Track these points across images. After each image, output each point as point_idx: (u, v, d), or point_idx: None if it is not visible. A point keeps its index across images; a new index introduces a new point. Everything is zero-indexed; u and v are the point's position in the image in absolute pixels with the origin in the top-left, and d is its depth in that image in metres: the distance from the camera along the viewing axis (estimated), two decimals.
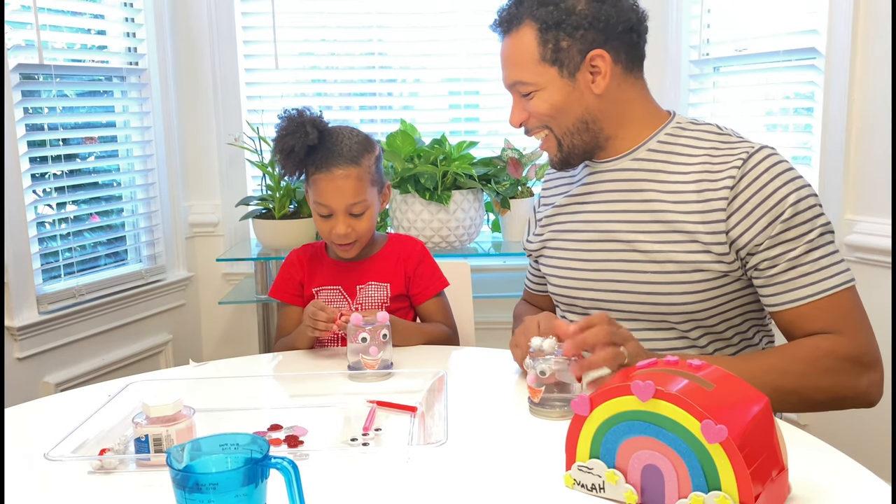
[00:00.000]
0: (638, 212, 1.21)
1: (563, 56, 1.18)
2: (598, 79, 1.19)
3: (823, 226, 1.13)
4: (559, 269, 1.32)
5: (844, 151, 1.92)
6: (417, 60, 2.60)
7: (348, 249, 1.46)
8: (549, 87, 1.20)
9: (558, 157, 1.27)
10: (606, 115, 1.23)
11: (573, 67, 1.19)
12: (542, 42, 1.18)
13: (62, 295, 2.12)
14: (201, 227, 2.60)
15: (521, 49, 1.20)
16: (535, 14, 1.18)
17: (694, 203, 1.16)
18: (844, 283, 1.11)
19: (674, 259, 1.16)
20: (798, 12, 2.08)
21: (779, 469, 0.77)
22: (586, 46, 1.18)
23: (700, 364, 0.82)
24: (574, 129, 1.23)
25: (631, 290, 1.20)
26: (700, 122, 1.25)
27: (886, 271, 1.82)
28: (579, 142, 1.24)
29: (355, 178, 1.41)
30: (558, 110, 1.21)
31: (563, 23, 1.17)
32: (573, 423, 0.83)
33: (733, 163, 1.15)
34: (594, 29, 1.17)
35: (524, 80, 1.21)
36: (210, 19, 2.48)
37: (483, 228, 2.37)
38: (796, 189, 1.12)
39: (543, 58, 1.19)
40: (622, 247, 1.21)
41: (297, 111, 1.42)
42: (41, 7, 2.02)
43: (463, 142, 2.30)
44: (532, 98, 1.22)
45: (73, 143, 2.21)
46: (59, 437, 0.95)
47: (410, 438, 1.02)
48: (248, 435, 0.76)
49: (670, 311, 1.18)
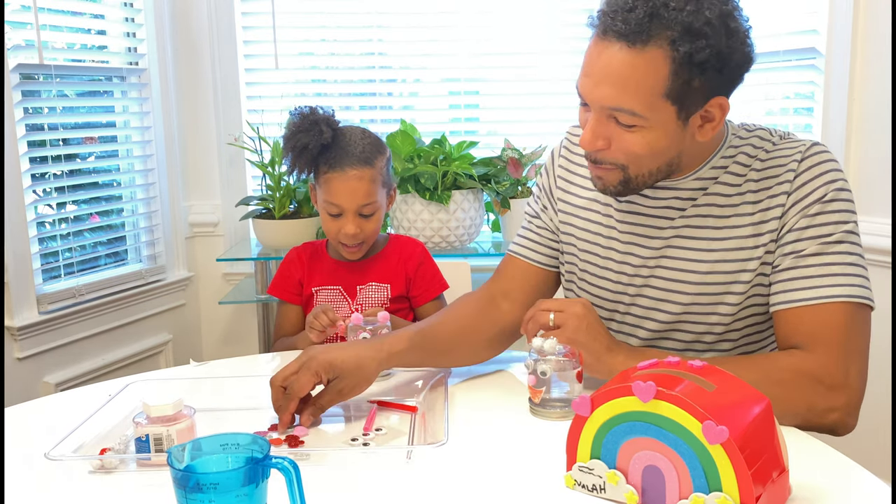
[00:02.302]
0: (690, 227, 1.12)
1: (687, 96, 1.00)
2: (709, 127, 1.04)
3: (847, 233, 1.04)
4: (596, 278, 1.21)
5: (844, 151, 1.93)
6: (417, 60, 2.60)
7: (355, 251, 1.46)
8: (660, 127, 1.01)
9: (618, 189, 1.09)
10: (692, 156, 1.09)
11: (690, 111, 1.02)
12: (674, 75, 0.98)
13: (62, 295, 2.12)
14: (201, 227, 2.60)
15: (645, 74, 0.98)
16: (678, 40, 0.96)
17: (749, 216, 1.08)
18: (846, 297, 1.01)
19: (721, 281, 1.10)
20: (798, 12, 2.08)
21: (779, 470, 0.77)
22: (713, 91, 1.01)
23: (701, 365, 0.82)
24: (656, 170, 1.07)
25: (667, 309, 1.15)
26: (751, 128, 1.15)
27: (886, 271, 1.82)
28: (651, 180, 1.08)
29: (368, 180, 1.41)
30: (653, 154, 1.04)
31: (705, 63, 0.97)
32: (574, 423, 0.83)
33: (790, 165, 1.07)
34: (727, 73, 1.01)
35: (632, 110, 1.00)
36: (210, 19, 2.48)
37: (483, 228, 2.37)
38: (836, 188, 1.05)
39: (668, 94, 0.99)
40: (668, 264, 1.13)
41: (309, 109, 1.41)
42: (41, 7, 2.02)
43: (463, 142, 2.30)
44: (632, 132, 1.02)
45: (73, 143, 2.21)
46: (59, 437, 0.95)
47: (411, 438, 1.02)
48: (248, 435, 0.76)
49: (703, 329, 1.14)
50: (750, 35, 1.02)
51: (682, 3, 0.96)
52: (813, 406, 0.99)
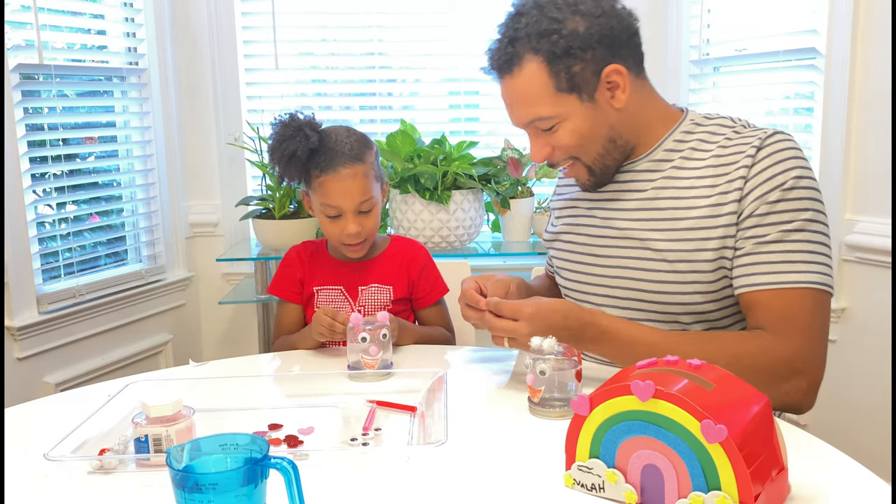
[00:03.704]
0: (651, 210, 1.19)
1: (578, 81, 1.14)
2: (619, 93, 1.16)
3: (809, 221, 1.10)
4: (571, 263, 1.31)
5: (844, 151, 1.92)
6: (417, 60, 2.60)
7: (358, 249, 1.45)
8: (573, 115, 1.16)
9: (591, 181, 1.24)
10: (630, 126, 1.20)
11: (591, 89, 1.15)
12: (553, 73, 1.14)
13: (62, 295, 2.12)
14: (201, 227, 2.60)
15: (532, 85, 1.15)
16: (537, 47, 1.13)
17: (707, 198, 1.14)
18: (806, 283, 1.07)
19: (686, 258, 1.15)
20: (798, 12, 2.08)
21: (779, 469, 0.77)
22: (599, 65, 1.14)
23: (700, 364, 0.82)
24: (604, 150, 1.20)
25: (643, 288, 1.19)
26: (713, 116, 1.24)
27: (886, 271, 1.82)
28: (611, 161, 1.21)
29: (362, 176, 1.41)
30: (586, 137, 1.18)
31: (571, 49, 1.12)
32: (573, 422, 0.83)
33: (747, 151, 1.13)
34: (602, 45, 1.14)
35: (544, 115, 1.16)
36: (210, 19, 2.48)
37: (483, 228, 2.37)
38: (796, 176, 1.10)
39: (559, 88, 1.14)
40: (635, 244, 1.20)
41: (289, 115, 1.41)
42: (41, 7, 2.02)
43: (463, 142, 2.30)
44: (556, 131, 1.17)
45: (73, 143, 2.21)
46: (59, 437, 0.95)
47: (410, 438, 1.02)
48: (247, 435, 0.76)
49: (680, 310, 1.17)
50: (609, 4, 1.15)
51: (529, 15, 1.14)
52: (779, 387, 1.06)
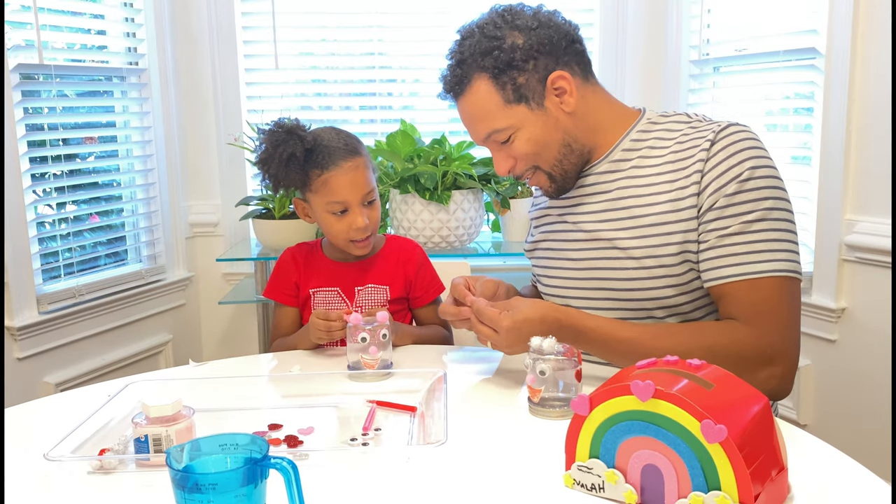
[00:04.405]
0: (615, 209, 1.21)
1: (525, 91, 1.19)
2: (567, 98, 1.21)
3: (769, 209, 1.11)
4: (549, 269, 1.33)
5: (844, 151, 1.92)
6: (417, 60, 2.60)
7: (366, 244, 1.45)
8: (525, 124, 1.21)
9: (554, 187, 1.28)
10: (584, 130, 1.24)
11: (539, 97, 1.20)
12: (499, 87, 1.19)
13: (62, 295, 2.12)
14: (201, 227, 2.60)
15: (483, 101, 1.21)
16: (482, 65, 1.19)
17: (667, 193, 1.16)
18: (774, 272, 1.09)
19: (652, 255, 1.16)
20: (798, 12, 2.08)
21: (778, 469, 0.77)
22: (542, 73, 1.19)
23: (700, 364, 0.82)
24: (560, 156, 1.24)
25: (615, 286, 1.21)
26: (670, 114, 1.26)
27: (886, 271, 1.82)
28: (570, 165, 1.25)
29: (363, 167, 1.42)
30: (541, 144, 1.22)
31: (513, 61, 1.18)
32: (573, 422, 0.83)
33: (702, 145, 1.14)
34: (543, 54, 1.19)
35: (498, 128, 1.21)
36: (210, 19, 2.48)
37: (483, 228, 2.37)
38: (751, 167, 1.11)
39: (507, 100, 1.20)
40: (604, 245, 1.22)
41: (274, 124, 1.40)
42: (41, 7, 2.02)
43: (463, 142, 2.30)
44: (513, 142, 1.22)
45: (73, 143, 2.21)
46: (59, 437, 0.95)
47: (410, 438, 1.02)
48: (247, 435, 0.76)
49: (654, 305, 1.19)
50: (546, 16, 1.22)
51: (472, 37, 1.21)
52: (754, 376, 1.06)
